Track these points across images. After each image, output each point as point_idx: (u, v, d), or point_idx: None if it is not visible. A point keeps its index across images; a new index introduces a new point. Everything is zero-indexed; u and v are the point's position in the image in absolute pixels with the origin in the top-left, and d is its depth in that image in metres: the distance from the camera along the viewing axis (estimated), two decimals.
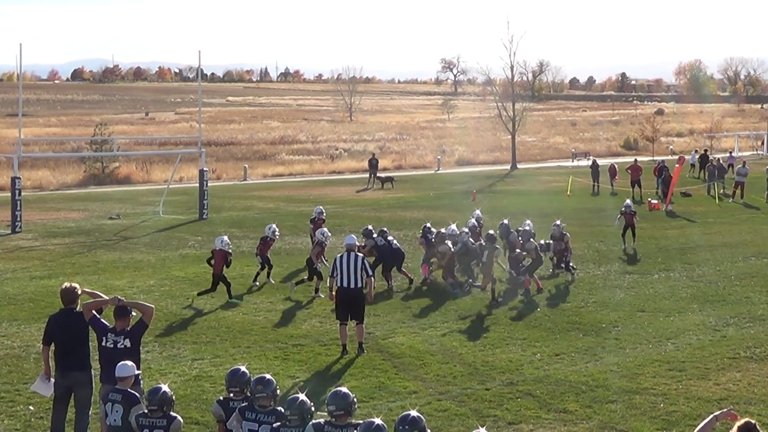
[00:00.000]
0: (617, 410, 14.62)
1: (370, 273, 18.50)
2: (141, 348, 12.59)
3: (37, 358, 17.24)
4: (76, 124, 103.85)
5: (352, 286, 18.16)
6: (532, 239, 25.53)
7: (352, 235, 19.65)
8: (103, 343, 12.16)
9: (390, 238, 25.82)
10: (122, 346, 12.06)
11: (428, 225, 27.05)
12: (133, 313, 12.52)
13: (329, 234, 25.02)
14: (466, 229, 26.18)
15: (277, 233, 26.09)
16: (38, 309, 21.82)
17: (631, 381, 16.19)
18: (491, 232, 24.51)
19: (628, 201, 33.47)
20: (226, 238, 23.93)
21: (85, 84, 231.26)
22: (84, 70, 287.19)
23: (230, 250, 23.65)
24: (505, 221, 28.40)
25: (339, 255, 18.55)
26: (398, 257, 25.58)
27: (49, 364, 12.89)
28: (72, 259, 30.04)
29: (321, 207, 30.06)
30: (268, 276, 25.48)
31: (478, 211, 29.33)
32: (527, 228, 26.19)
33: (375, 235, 25.74)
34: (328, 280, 19.21)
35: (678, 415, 14.37)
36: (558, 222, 27.30)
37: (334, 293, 18.59)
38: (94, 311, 12.49)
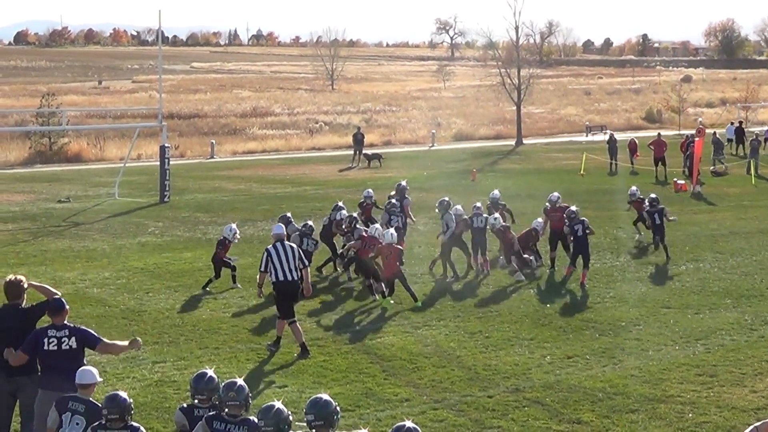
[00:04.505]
0: (639, 421, 14.62)
1: (306, 264, 19.08)
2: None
3: None
4: (19, 95, 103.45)
5: (288, 279, 18.48)
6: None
7: (281, 224, 20.19)
8: (45, 347, 12.08)
9: (359, 226, 25.50)
10: (67, 347, 12.00)
11: (403, 183, 28.08)
12: (66, 305, 12.45)
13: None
14: (477, 209, 26.41)
15: (237, 235, 25.18)
16: None
17: (654, 387, 16.19)
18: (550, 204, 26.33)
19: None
20: (392, 230, 23.69)
21: (30, 48, 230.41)
22: (28, 33, 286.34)
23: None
24: (491, 198, 28.34)
25: (270, 247, 18.78)
26: None
27: None
28: (16, 248, 29.96)
29: (371, 190, 30.04)
30: (233, 280, 24.28)
31: (496, 192, 29.08)
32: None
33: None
34: (258, 276, 19.21)
35: (709, 426, 14.37)
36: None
37: (263, 289, 19.33)
38: None
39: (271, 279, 18.61)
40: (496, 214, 26.20)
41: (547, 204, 27.15)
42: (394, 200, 27.52)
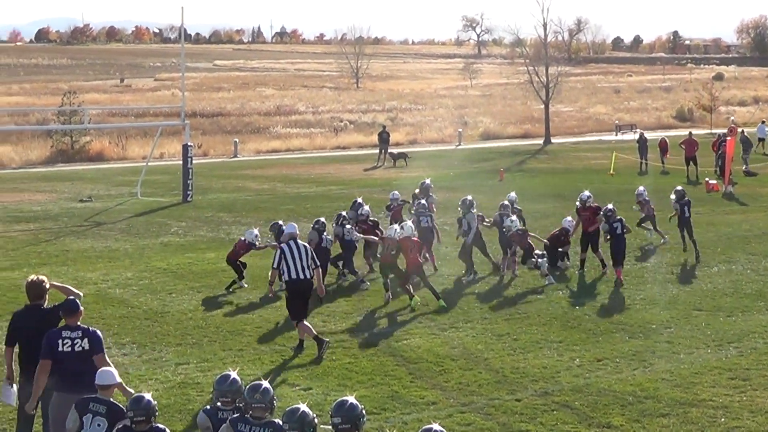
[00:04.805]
0: (670, 425, 14.55)
1: (318, 264, 19.19)
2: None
3: None
4: (41, 93, 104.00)
5: (302, 277, 18.63)
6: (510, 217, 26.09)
7: (293, 223, 20.14)
8: (59, 348, 12.11)
9: (348, 226, 25.50)
10: (80, 348, 12.02)
11: (427, 181, 28.81)
12: (81, 306, 12.49)
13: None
14: (504, 207, 26.51)
15: (258, 240, 25.21)
16: (0, 305, 21.85)
17: (686, 391, 16.11)
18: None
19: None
20: (409, 222, 23.79)
21: (51, 46, 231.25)
22: (50, 31, 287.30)
23: None
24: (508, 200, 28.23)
25: (283, 244, 18.96)
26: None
27: (12, 367, 12.87)
28: (38, 248, 30.07)
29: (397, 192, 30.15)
30: (241, 278, 24.52)
31: (513, 194, 29.01)
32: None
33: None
34: (270, 273, 19.42)
35: (741, 431, 14.29)
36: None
37: (274, 288, 20.01)
38: None
39: (283, 277, 18.74)
40: (513, 217, 26.08)
41: (578, 203, 27.01)
42: (422, 200, 27.48)
